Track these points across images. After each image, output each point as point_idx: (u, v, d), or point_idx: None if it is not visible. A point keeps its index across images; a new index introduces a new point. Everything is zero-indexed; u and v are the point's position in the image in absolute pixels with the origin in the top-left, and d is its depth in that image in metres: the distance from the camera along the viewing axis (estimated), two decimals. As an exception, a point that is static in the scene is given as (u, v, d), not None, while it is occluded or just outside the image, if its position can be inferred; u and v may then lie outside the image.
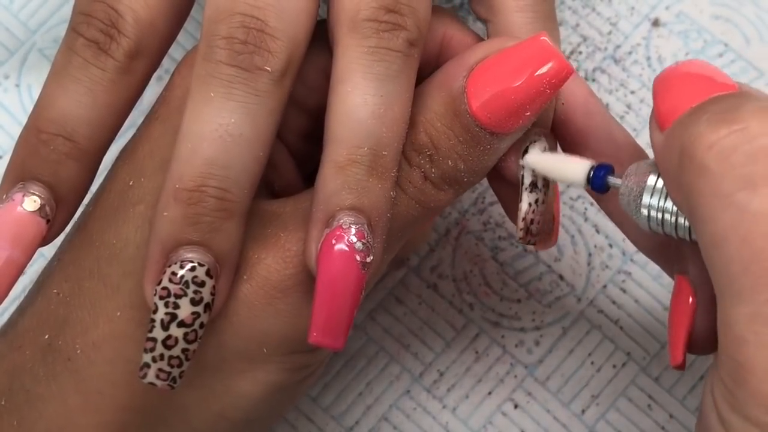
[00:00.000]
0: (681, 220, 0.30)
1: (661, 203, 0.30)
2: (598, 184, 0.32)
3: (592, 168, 0.32)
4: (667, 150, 0.29)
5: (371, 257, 0.30)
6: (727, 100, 0.28)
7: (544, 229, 0.35)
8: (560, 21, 0.46)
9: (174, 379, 0.30)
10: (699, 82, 0.29)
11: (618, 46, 0.45)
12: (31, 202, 0.31)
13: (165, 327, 0.30)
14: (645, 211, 0.30)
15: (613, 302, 0.43)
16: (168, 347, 0.30)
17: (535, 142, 0.33)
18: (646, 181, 0.30)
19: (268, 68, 0.30)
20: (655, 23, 0.45)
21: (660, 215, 0.30)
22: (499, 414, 0.42)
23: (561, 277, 0.43)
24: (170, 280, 0.30)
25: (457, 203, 0.44)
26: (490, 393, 0.42)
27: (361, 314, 0.43)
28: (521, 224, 0.34)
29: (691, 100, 0.29)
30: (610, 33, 0.45)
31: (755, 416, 0.25)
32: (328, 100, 0.31)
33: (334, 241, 0.30)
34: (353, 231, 0.30)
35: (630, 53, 0.45)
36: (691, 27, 0.45)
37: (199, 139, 0.30)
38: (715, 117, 0.27)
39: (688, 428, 0.41)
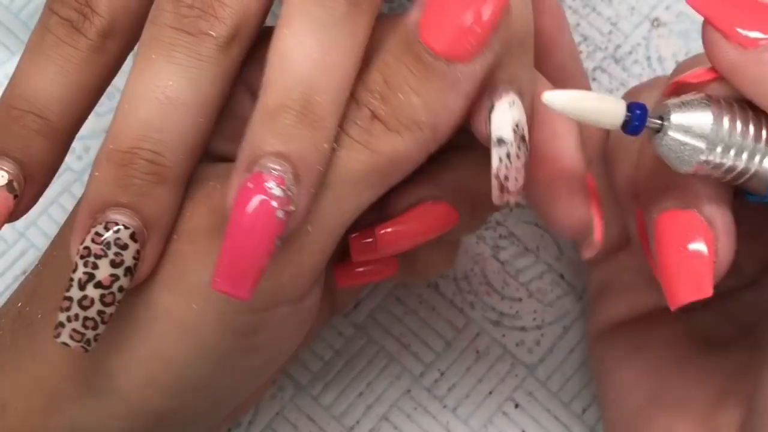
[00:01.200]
0: (744, 156, 0.29)
1: (728, 139, 0.29)
2: (638, 125, 0.30)
3: (627, 107, 0.30)
4: None
5: (292, 207, 0.29)
6: None
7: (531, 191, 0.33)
8: (560, 21, 0.46)
9: (88, 342, 0.30)
10: None
11: (618, 46, 0.45)
12: None
13: (81, 286, 0.29)
14: (708, 146, 0.29)
15: (614, 301, 0.43)
16: (84, 308, 0.29)
17: (502, 96, 0.31)
18: (710, 112, 0.29)
19: (212, 33, 0.30)
20: (656, 23, 0.45)
21: (723, 150, 0.29)
22: (499, 414, 0.42)
23: (562, 276, 0.43)
24: (92, 240, 0.30)
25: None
26: (490, 392, 0.42)
27: (362, 314, 0.43)
28: (493, 181, 0.31)
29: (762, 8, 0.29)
30: (610, 33, 0.45)
31: None
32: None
33: (250, 185, 0.29)
34: (273, 176, 0.29)
35: (630, 53, 0.45)
36: (691, 27, 0.45)
37: (136, 100, 0.30)
38: None
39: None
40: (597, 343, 0.40)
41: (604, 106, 0.30)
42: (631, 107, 0.30)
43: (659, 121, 0.30)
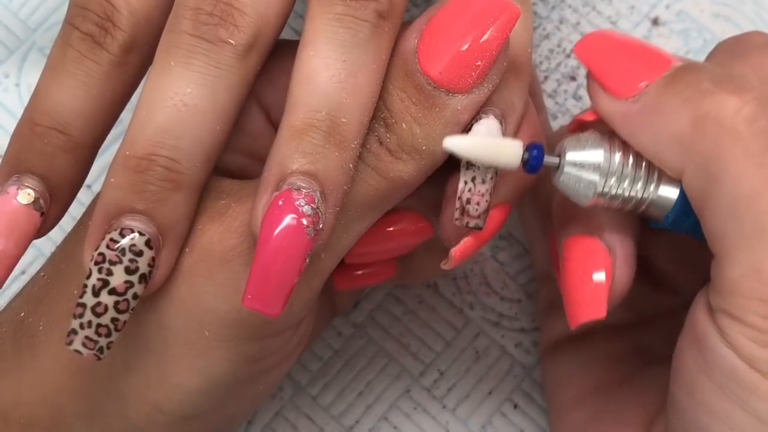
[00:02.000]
0: (635, 187, 0.31)
1: (620, 172, 0.31)
2: (535, 164, 0.31)
3: (525, 148, 0.31)
4: (663, 117, 0.30)
5: (321, 225, 0.29)
6: (710, 69, 0.31)
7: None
8: (561, 19, 0.45)
9: (101, 349, 0.29)
10: (634, 47, 0.32)
11: (618, 45, 0.45)
12: (25, 195, 0.31)
13: (96, 293, 0.29)
14: (602, 178, 0.31)
15: (613, 302, 0.43)
16: (97, 314, 0.29)
17: (480, 119, 0.31)
18: (601, 150, 0.31)
19: (231, 41, 0.30)
20: (655, 22, 0.45)
21: (616, 184, 0.31)
22: (498, 414, 0.42)
23: (561, 277, 0.43)
24: (107, 246, 0.29)
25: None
26: (490, 393, 0.42)
27: (361, 314, 0.43)
28: (456, 202, 0.32)
29: (649, 67, 0.31)
30: (610, 32, 0.45)
31: None
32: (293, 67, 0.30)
33: (281, 202, 0.28)
34: (303, 194, 0.28)
35: (630, 52, 0.45)
36: (691, 26, 0.45)
37: (153, 106, 0.30)
38: (726, 85, 0.30)
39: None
40: (546, 359, 0.40)
41: (501, 149, 0.31)
42: (529, 147, 0.31)
43: (556, 159, 0.31)
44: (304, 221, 0.28)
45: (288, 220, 0.28)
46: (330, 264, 0.32)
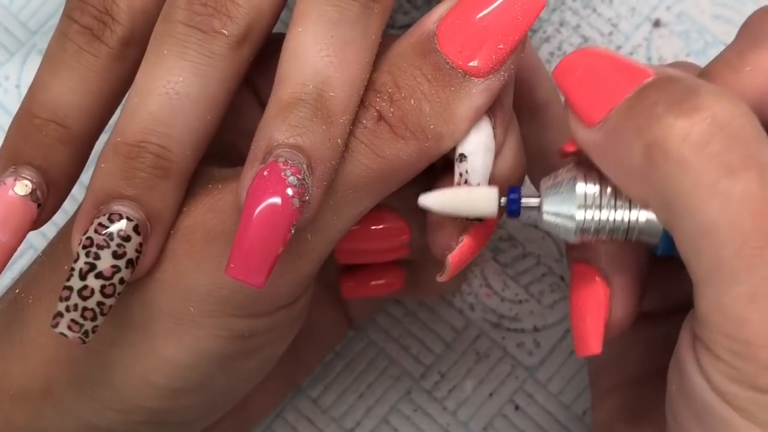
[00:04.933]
0: (617, 218, 0.30)
1: (598, 204, 0.30)
2: (515, 209, 0.31)
3: (501, 194, 0.31)
4: (621, 146, 0.28)
5: (307, 197, 0.29)
6: (673, 86, 0.28)
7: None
8: (561, 22, 0.45)
9: (86, 333, 0.29)
10: (608, 68, 0.30)
11: (619, 47, 0.45)
12: (22, 187, 0.31)
13: (82, 276, 0.29)
14: (581, 216, 0.30)
15: (615, 303, 0.43)
16: (83, 298, 0.29)
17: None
18: (575, 189, 0.30)
19: (225, 32, 0.30)
20: (656, 24, 0.45)
21: (597, 218, 0.30)
22: (500, 416, 0.42)
23: (562, 278, 0.43)
24: (95, 231, 0.30)
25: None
26: (491, 395, 0.42)
27: (362, 315, 0.43)
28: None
29: (616, 90, 0.29)
30: (611, 34, 0.45)
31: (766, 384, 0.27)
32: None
33: (266, 173, 0.28)
34: (289, 165, 0.28)
35: (631, 54, 0.45)
36: (692, 27, 0.45)
37: (145, 93, 0.30)
38: (677, 107, 0.27)
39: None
40: None
41: (475, 199, 0.31)
42: (507, 192, 0.31)
43: (536, 203, 0.31)
44: (290, 191, 0.28)
45: (273, 189, 0.28)
46: (319, 248, 0.31)
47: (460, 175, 0.31)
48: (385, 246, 0.37)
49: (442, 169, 0.34)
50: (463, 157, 0.31)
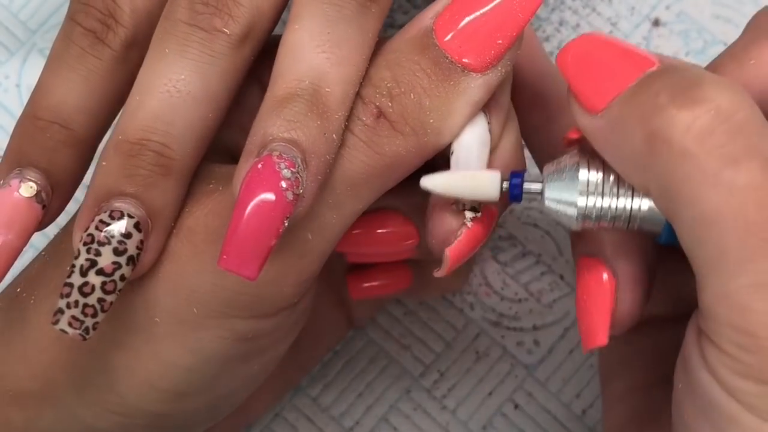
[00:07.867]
0: (620, 205, 0.30)
1: (600, 191, 0.30)
2: (517, 194, 0.31)
3: (503, 178, 0.31)
4: (623, 134, 0.28)
5: (301, 191, 0.29)
6: (677, 76, 0.28)
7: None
8: (560, 21, 0.46)
9: (87, 330, 0.29)
10: (612, 55, 0.30)
11: (618, 46, 0.45)
12: (27, 188, 0.32)
13: (83, 273, 0.29)
14: (583, 203, 0.30)
15: (614, 302, 0.43)
16: (84, 294, 0.29)
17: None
18: (578, 176, 0.30)
19: (226, 31, 0.30)
20: (656, 23, 0.45)
21: (599, 205, 0.30)
22: (499, 414, 0.42)
23: (561, 277, 0.43)
24: (96, 228, 0.30)
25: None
26: (490, 393, 0.42)
27: (361, 314, 0.43)
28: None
29: (619, 78, 0.29)
30: (610, 33, 0.45)
31: None
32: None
33: (260, 165, 0.28)
34: (283, 158, 0.28)
35: (630, 53, 0.45)
36: (691, 27, 0.45)
37: (147, 91, 0.30)
38: (681, 98, 0.27)
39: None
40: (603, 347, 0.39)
41: (478, 182, 0.31)
42: (510, 176, 0.31)
43: (538, 188, 0.31)
44: (283, 184, 0.28)
45: (267, 182, 0.28)
46: (320, 247, 0.31)
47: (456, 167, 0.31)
48: (395, 249, 0.37)
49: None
50: (458, 150, 0.31)
